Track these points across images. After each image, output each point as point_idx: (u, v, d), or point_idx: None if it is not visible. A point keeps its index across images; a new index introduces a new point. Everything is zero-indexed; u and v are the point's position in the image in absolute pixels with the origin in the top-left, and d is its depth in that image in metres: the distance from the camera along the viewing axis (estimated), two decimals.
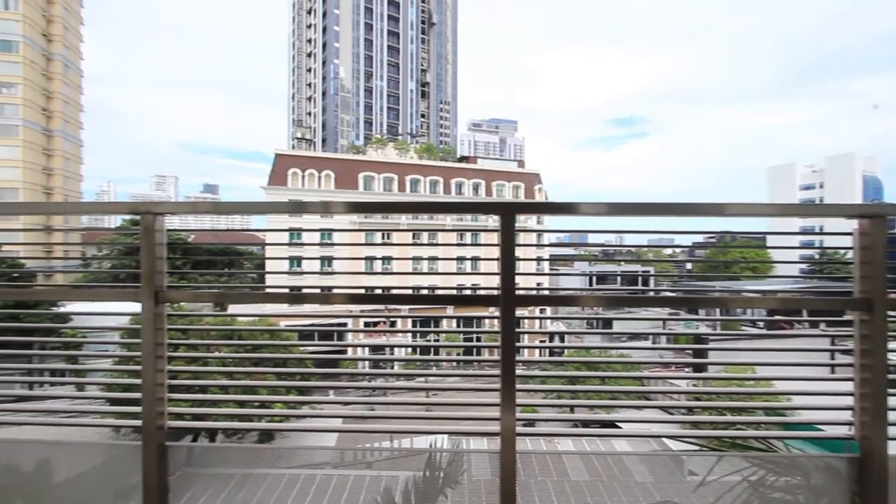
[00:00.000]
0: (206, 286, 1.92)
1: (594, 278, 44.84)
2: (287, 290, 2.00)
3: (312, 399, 2.23)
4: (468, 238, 37.13)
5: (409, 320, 2.14)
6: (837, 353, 1.80)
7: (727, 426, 1.91)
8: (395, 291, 1.99)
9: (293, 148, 54.67)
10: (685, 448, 2.06)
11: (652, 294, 2.06)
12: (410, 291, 2.11)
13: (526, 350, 1.85)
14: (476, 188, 47.35)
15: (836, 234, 1.79)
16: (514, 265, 1.70)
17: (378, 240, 35.66)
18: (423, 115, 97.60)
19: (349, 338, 29.32)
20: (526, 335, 1.93)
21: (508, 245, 1.68)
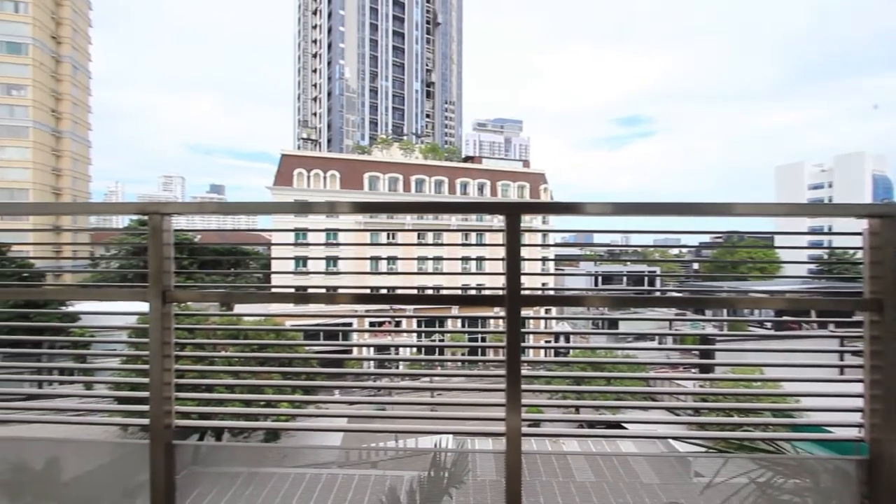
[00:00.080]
0: (213, 286, 1.93)
1: (600, 278, 44.67)
2: (293, 290, 2.00)
3: (318, 398, 2.24)
4: (473, 238, 37.11)
5: (414, 320, 2.14)
6: (847, 354, 1.78)
7: (734, 427, 1.90)
8: (400, 291, 1.99)
9: (299, 148, 54.82)
10: (691, 449, 2.05)
11: (658, 294, 2.04)
12: (415, 291, 2.11)
13: (531, 350, 1.84)
14: (481, 188, 47.30)
15: (846, 234, 1.77)
16: (520, 265, 1.69)
17: (383, 240, 35.71)
18: (427, 116, 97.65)
19: (354, 337, 29.40)
20: (531, 335, 1.93)
21: (514, 245, 1.68)
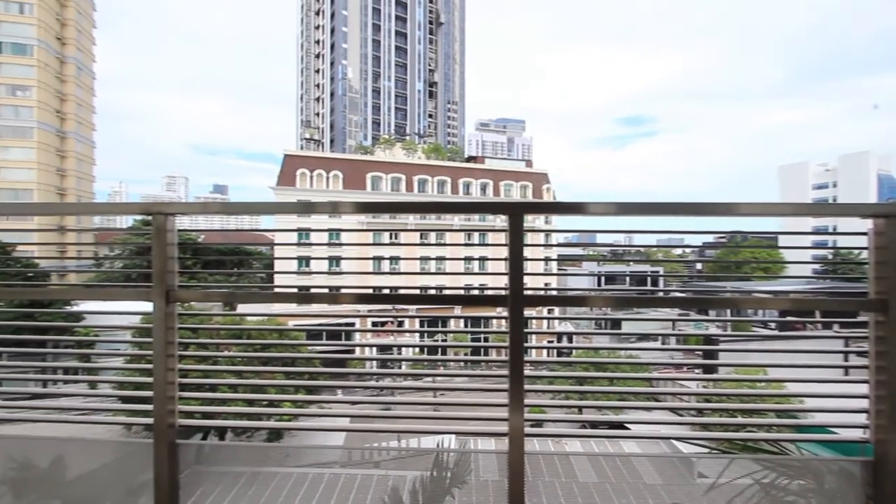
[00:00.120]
0: (216, 286, 1.94)
1: (603, 278, 44.58)
2: (295, 290, 2.01)
3: (320, 398, 2.24)
4: (476, 238, 37.09)
5: (417, 320, 2.14)
6: (851, 354, 1.77)
7: (738, 428, 1.89)
8: (402, 291, 1.99)
9: (302, 148, 54.99)
10: (694, 450, 2.04)
11: (661, 294, 2.04)
12: (418, 291, 2.11)
13: (534, 350, 1.84)
14: (484, 188, 47.28)
15: (851, 234, 1.76)
16: (523, 265, 1.69)
17: (386, 240, 35.73)
18: (430, 115, 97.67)
19: (357, 337, 29.43)
20: (534, 335, 1.92)
21: (517, 245, 1.68)
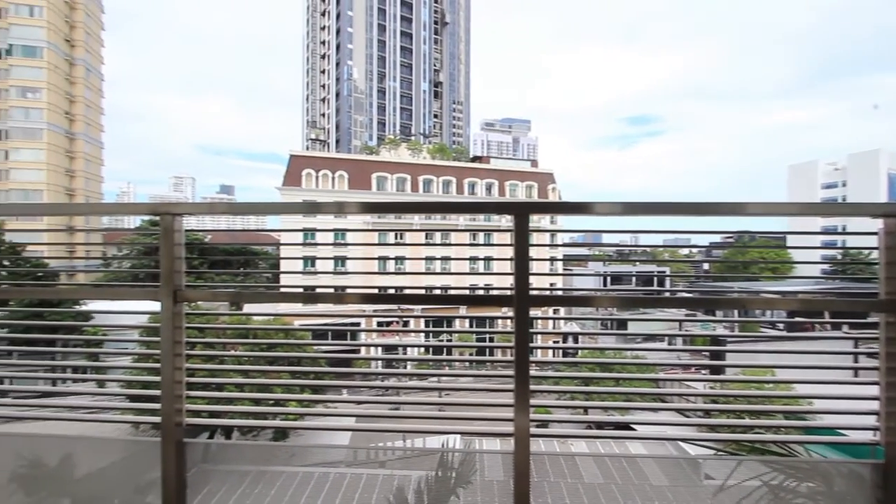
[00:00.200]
0: (223, 286, 1.95)
1: (609, 279, 44.39)
2: (301, 290, 2.01)
3: (326, 398, 2.25)
4: (481, 238, 37.07)
5: (422, 320, 2.14)
6: (862, 356, 1.75)
7: (745, 430, 1.87)
8: (408, 291, 1.99)
9: (307, 149, 55.19)
10: (701, 451, 2.03)
11: (668, 295, 2.03)
12: (423, 291, 2.11)
13: (539, 350, 1.84)
14: (489, 188, 47.23)
15: (861, 234, 1.74)
16: (528, 265, 1.69)
17: (391, 240, 35.79)
18: (435, 116, 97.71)
19: (362, 337, 29.49)
20: (540, 335, 1.92)
21: (522, 245, 1.67)
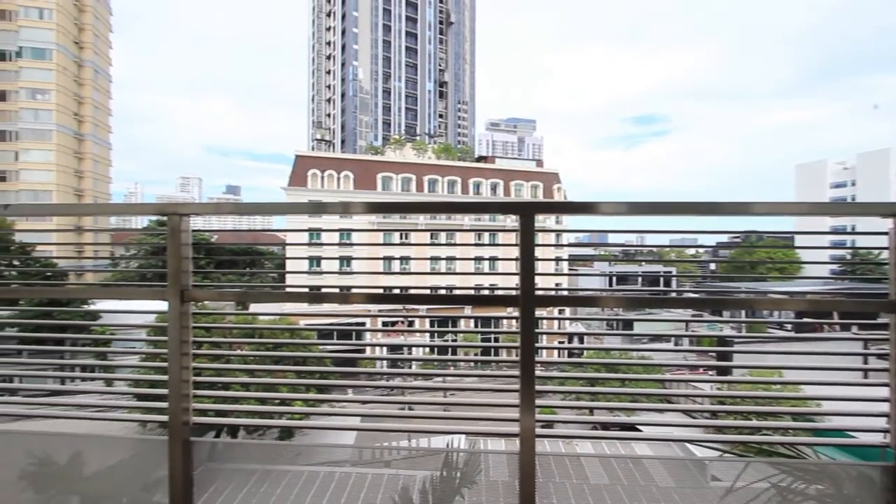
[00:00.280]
0: (229, 285, 1.96)
1: (614, 279, 44.20)
2: (307, 290, 2.02)
3: (331, 398, 2.26)
4: (486, 238, 37.02)
5: (428, 320, 2.14)
6: (871, 357, 1.73)
7: (753, 431, 1.86)
8: (413, 291, 2.00)
9: (313, 149, 55.38)
10: (708, 453, 2.02)
11: (674, 295, 2.01)
12: (428, 291, 2.11)
13: (545, 351, 1.83)
14: (494, 188, 47.17)
15: (870, 234, 1.72)
16: (534, 265, 1.68)
17: (396, 240, 35.84)
18: (440, 116, 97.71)
19: (368, 337, 29.55)
20: (545, 336, 1.92)
21: (528, 245, 1.67)
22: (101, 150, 65.26)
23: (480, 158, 58.70)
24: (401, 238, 36.09)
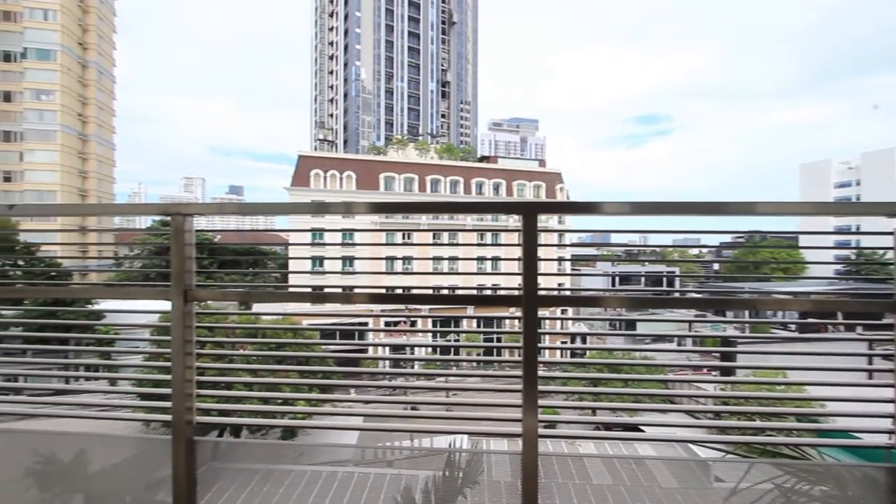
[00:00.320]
0: (233, 285, 1.97)
1: (617, 279, 44.11)
2: (310, 290, 2.02)
3: (334, 397, 2.26)
4: (489, 238, 37.00)
5: (430, 320, 2.15)
6: (876, 357, 1.72)
7: (756, 432, 1.85)
8: (415, 291, 2.00)
9: (315, 149, 55.51)
10: (711, 454, 2.01)
11: (677, 295, 2.01)
12: (431, 291, 2.11)
13: (547, 351, 1.83)
14: (497, 188, 47.14)
15: (875, 234, 1.71)
16: (537, 265, 1.68)
17: (399, 240, 35.87)
18: (443, 116, 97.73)
19: (370, 337, 29.59)
20: (548, 336, 1.91)
21: (530, 245, 1.67)
22: (105, 150, 65.58)
23: (483, 158, 58.69)
24: (403, 238, 36.11)
